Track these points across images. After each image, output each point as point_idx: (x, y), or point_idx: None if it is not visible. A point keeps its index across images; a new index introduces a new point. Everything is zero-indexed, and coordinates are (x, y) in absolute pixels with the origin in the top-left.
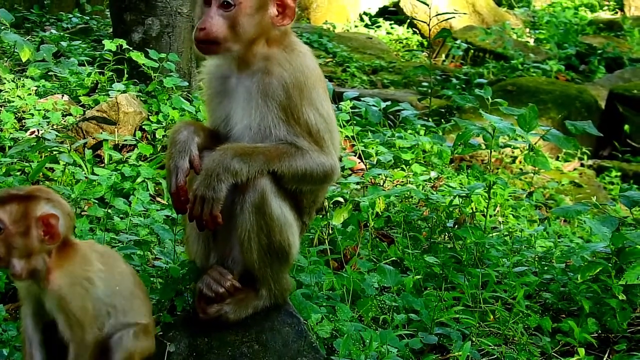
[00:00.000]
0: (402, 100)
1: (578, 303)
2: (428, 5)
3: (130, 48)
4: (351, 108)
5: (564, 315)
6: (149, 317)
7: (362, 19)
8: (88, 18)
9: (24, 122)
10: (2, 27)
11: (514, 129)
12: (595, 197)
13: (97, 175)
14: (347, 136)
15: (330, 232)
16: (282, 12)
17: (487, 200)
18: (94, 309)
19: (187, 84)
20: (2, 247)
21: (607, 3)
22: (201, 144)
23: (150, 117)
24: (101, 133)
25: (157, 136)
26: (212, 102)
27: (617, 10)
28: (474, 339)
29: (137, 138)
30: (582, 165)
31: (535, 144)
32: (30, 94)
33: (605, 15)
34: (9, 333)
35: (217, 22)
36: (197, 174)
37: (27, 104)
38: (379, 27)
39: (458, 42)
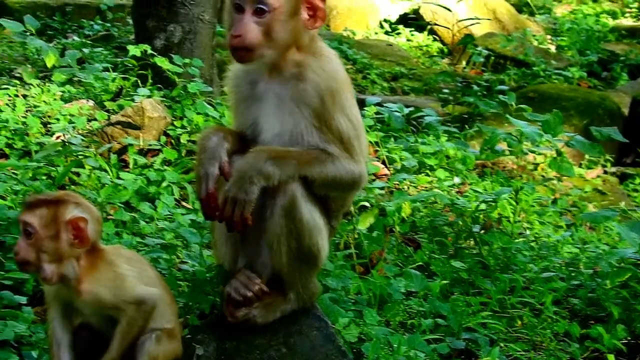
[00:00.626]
0: (423, 106)
1: (607, 309)
2: (450, 10)
3: (155, 54)
4: (374, 114)
5: (592, 321)
6: (175, 321)
7: (382, 26)
8: (109, 25)
9: (50, 127)
10: (28, 34)
11: (541, 134)
12: (619, 204)
13: (123, 179)
14: (371, 142)
15: (356, 236)
16: (313, 15)
17: (513, 206)
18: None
19: (211, 89)
20: (33, 251)
21: (629, 10)
22: (230, 149)
23: (174, 122)
24: (126, 138)
25: (181, 141)
26: (239, 106)
27: (639, 17)
28: (501, 344)
29: (161, 143)
30: (605, 172)
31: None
32: (55, 99)
33: (627, 22)
34: (37, 335)
35: (251, 28)
36: (226, 181)
37: (52, 109)
38: (399, 34)
39: (479, 48)
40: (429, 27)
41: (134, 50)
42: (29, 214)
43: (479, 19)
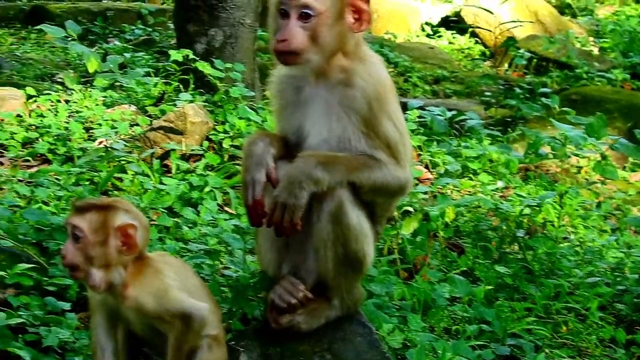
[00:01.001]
0: (465, 109)
1: None
2: (492, 13)
3: (197, 58)
4: (417, 117)
5: (638, 327)
6: (220, 327)
7: (423, 29)
8: (150, 30)
9: (92, 132)
10: (69, 39)
11: (585, 138)
12: None
13: (165, 184)
14: (413, 145)
15: (400, 241)
16: (359, 18)
17: (557, 210)
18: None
19: (253, 93)
20: (81, 256)
21: None
22: (276, 155)
23: (216, 127)
24: (169, 143)
25: (223, 146)
26: (283, 111)
27: None
28: (546, 350)
29: (204, 148)
30: None
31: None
32: (97, 105)
33: None
34: (80, 341)
35: (297, 33)
36: (273, 187)
37: (95, 114)
38: (440, 36)
39: (521, 51)
40: (470, 29)
41: (175, 55)
42: (78, 217)
43: (521, 21)
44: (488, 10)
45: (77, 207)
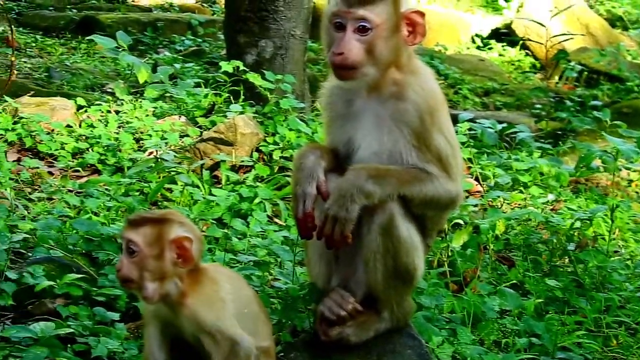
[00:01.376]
0: (516, 122)
1: None
2: (544, 25)
3: (247, 69)
4: (467, 130)
5: None
6: (270, 340)
7: (473, 41)
8: (200, 40)
9: (142, 143)
10: (120, 50)
11: (637, 152)
12: None
13: (215, 195)
14: (464, 158)
15: (450, 254)
16: (413, 31)
17: (608, 224)
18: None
19: (303, 105)
20: (136, 269)
21: None
22: (326, 167)
23: (266, 138)
24: (218, 154)
25: (273, 157)
26: (333, 124)
27: None
28: None
29: (254, 159)
30: None
31: None
32: (147, 115)
33: None
34: (129, 352)
35: (354, 46)
36: (324, 200)
37: (145, 124)
38: (490, 49)
39: (572, 63)
40: (521, 42)
41: (226, 66)
42: (132, 231)
43: (573, 34)
44: (539, 23)
45: (132, 221)
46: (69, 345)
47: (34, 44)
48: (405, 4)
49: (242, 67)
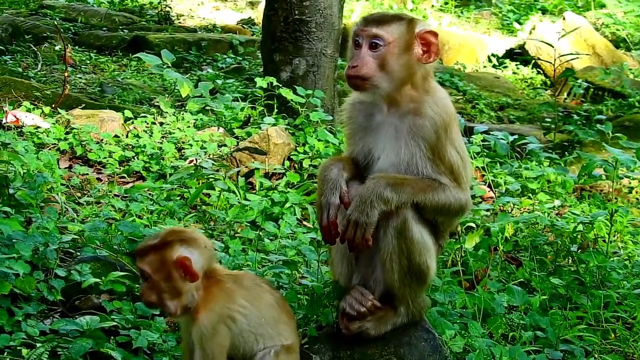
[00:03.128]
0: (527, 134)
1: None
2: (552, 46)
3: (280, 85)
4: (481, 141)
5: None
6: (294, 336)
7: (490, 60)
8: (241, 59)
9: (184, 152)
10: (164, 66)
11: (635, 161)
12: None
13: (249, 200)
14: (477, 167)
15: (463, 254)
16: (427, 50)
17: (608, 227)
18: (239, 341)
19: (331, 118)
20: (154, 293)
21: None
22: (348, 177)
23: (297, 148)
24: (253, 162)
25: (303, 165)
26: (355, 135)
27: None
28: (596, 355)
29: (285, 167)
30: None
31: None
32: (189, 127)
33: None
34: (168, 344)
35: (367, 61)
36: (346, 209)
37: (186, 135)
38: (505, 67)
39: (579, 81)
40: (533, 61)
41: (260, 82)
42: (141, 261)
43: (579, 54)
44: (548, 44)
45: (139, 251)
46: (112, 337)
47: (88, 62)
48: (421, 26)
49: (275, 83)
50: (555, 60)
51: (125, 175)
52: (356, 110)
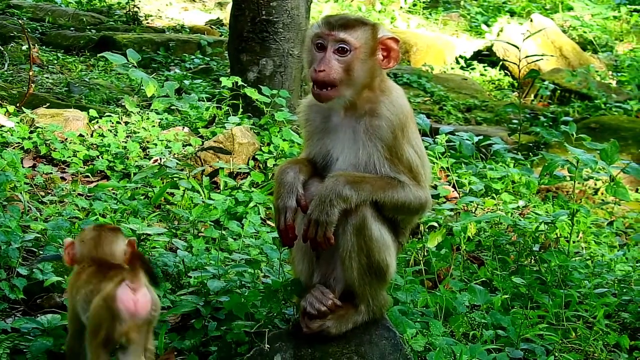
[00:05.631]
0: (493, 135)
1: None
2: (519, 48)
3: (245, 85)
4: (446, 142)
5: None
6: None
7: (457, 62)
8: (209, 59)
9: (148, 151)
10: (130, 66)
11: (596, 161)
12: None
13: (213, 200)
14: (442, 167)
15: (425, 254)
16: (387, 55)
17: (570, 227)
18: None
19: (296, 117)
20: None
21: None
22: (305, 180)
23: (262, 147)
24: (217, 162)
25: (268, 165)
26: (312, 137)
27: None
28: (556, 354)
29: (250, 167)
30: None
31: (616, 176)
32: (154, 126)
33: None
34: None
35: (334, 65)
36: (304, 213)
37: (151, 134)
38: (473, 69)
39: (546, 83)
40: (500, 63)
41: (225, 81)
42: None
43: (544, 55)
44: (514, 45)
45: None
46: None
47: (55, 62)
48: (383, 31)
49: (240, 83)
50: (520, 61)
51: (89, 175)
52: (313, 112)
